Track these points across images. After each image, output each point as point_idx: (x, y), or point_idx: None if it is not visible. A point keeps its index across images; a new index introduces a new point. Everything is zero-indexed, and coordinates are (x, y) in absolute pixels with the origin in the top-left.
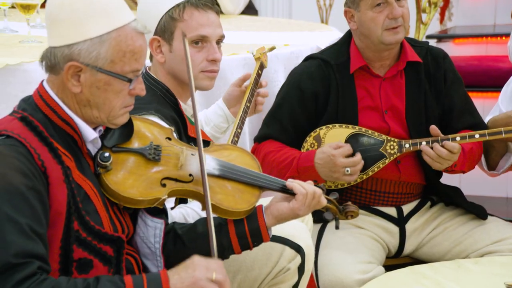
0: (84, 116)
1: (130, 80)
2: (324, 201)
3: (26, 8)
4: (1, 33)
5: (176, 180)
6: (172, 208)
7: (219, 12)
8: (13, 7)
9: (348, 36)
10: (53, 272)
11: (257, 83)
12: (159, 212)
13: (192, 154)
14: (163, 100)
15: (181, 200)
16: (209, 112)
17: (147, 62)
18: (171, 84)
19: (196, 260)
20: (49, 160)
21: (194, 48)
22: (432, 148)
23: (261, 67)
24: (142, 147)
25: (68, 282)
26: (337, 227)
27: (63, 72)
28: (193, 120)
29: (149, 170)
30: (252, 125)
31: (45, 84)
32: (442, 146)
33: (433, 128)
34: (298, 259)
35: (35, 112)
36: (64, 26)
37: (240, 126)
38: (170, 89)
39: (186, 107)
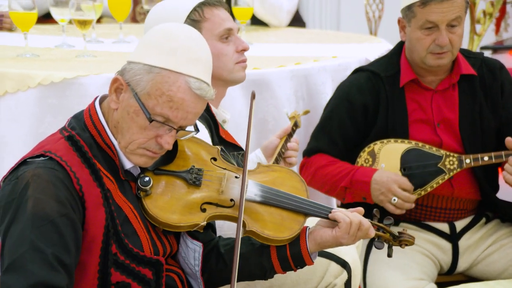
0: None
1: (151, 120)
2: (372, 233)
3: (83, 23)
4: (59, 48)
5: (216, 205)
6: None
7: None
8: (70, 22)
9: (399, 47)
10: None
11: (291, 137)
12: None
13: (236, 177)
14: None
15: None
16: None
17: None
18: None
19: None
20: (88, 183)
21: (224, 43)
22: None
23: (295, 125)
24: (184, 171)
25: None
26: (389, 255)
27: (111, 83)
28: (224, 126)
29: (189, 194)
30: (300, 140)
31: (97, 104)
32: None
33: (509, 141)
34: (344, 275)
35: (83, 132)
36: (139, 44)
37: None
38: None
39: (216, 111)
